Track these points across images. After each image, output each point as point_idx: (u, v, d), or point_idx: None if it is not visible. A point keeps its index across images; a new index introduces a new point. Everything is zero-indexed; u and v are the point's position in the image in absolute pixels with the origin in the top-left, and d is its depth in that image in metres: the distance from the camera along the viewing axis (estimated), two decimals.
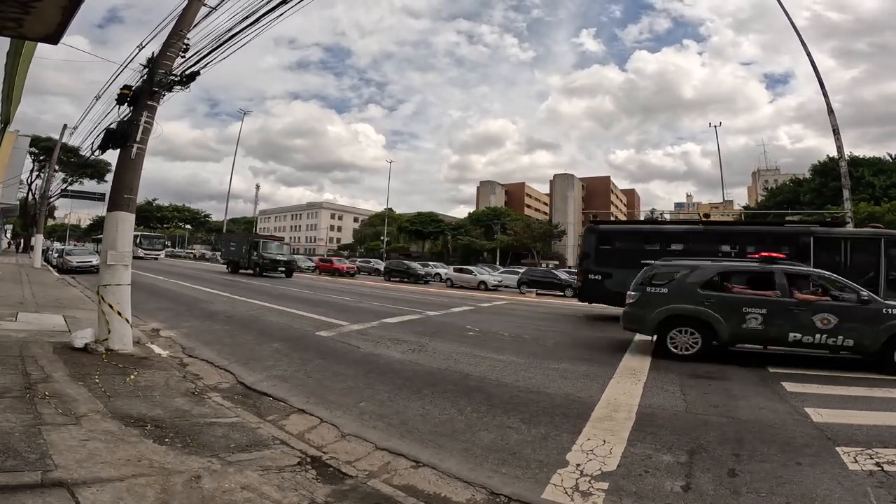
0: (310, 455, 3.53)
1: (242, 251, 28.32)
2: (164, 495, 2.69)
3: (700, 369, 6.80)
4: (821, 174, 54.03)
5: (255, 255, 26.98)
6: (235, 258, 29.11)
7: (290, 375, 5.94)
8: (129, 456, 3.17)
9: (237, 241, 31.12)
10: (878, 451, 3.69)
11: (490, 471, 3.43)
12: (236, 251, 29.35)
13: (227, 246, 31.74)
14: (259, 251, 27.03)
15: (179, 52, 7.18)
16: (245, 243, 28.78)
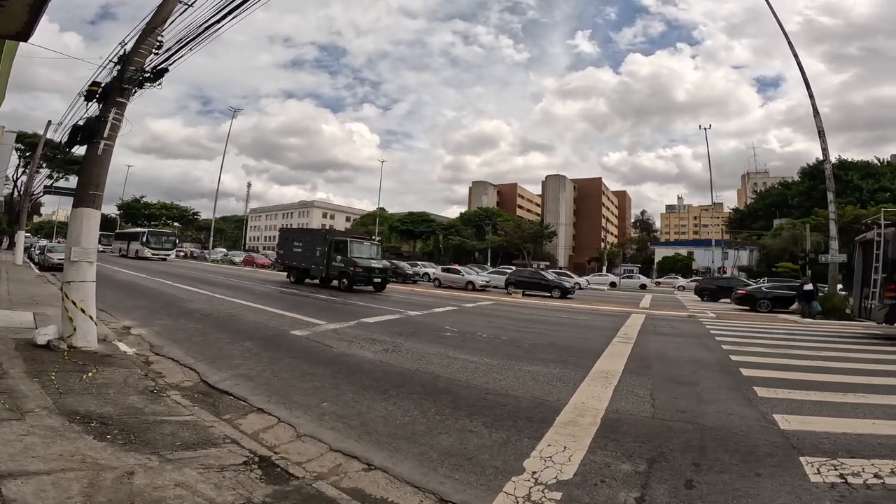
0: (259, 455, 3.46)
1: (316, 254, 20.79)
2: (90, 489, 2.66)
3: (675, 372, 6.81)
4: (809, 177, 54.69)
5: (340, 261, 19.46)
6: (302, 263, 21.57)
7: (256, 374, 5.85)
8: (63, 451, 3.12)
9: (307, 239, 22.19)
10: (844, 462, 3.61)
11: (443, 476, 3.35)
12: (304, 254, 21.56)
13: (289, 246, 23.01)
14: (347, 255, 19.37)
15: (152, 50, 7.14)
16: (321, 243, 20.76)
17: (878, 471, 3.41)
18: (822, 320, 15.81)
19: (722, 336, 10.86)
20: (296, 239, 22.98)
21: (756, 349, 8.99)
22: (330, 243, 20.23)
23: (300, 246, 22.10)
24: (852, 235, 40.80)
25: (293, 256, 22.42)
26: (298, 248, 22.13)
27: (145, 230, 44.24)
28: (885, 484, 3.22)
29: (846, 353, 8.92)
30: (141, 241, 41.29)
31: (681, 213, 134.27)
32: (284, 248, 23.53)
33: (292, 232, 27.23)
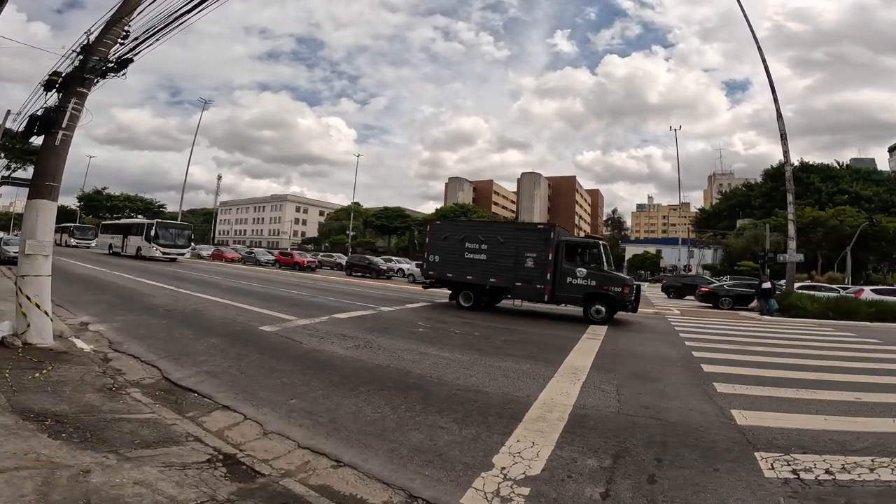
0: (224, 452, 3.40)
1: (526, 264, 13.07)
2: (45, 488, 2.59)
3: (640, 368, 6.99)
4: (772, 179, 56.80)
5: (587, 277, 12.52)
6: (491, 277, 13.52)
7: (222, 371, 5.72)
8: (16, 449, 3.03)
9: (499, 240, 13.73)
10: (796, 458, 3.70)
11: (413, 472, 3.35)
12: (494, 262, 13.50)
13: (450, 249, 14.27)
14: (601, 267, 12.91)
15: (118, 40, 6.89)
16: (536, 247, 13.12)
17: (830, 466, 3.51)
18: (779, 317, 16.51)
19: (685, 333, 11.21)
20: (469, 238, 14.05)
21: (717, 345, 9.32)
22: (558, 247, 12.93)
23: (480, 249, 13.81)
24: (811, 236, 42.71)
25: (462, 265, 13.97)
26: (476, 254, 13.86)
27: (153, 221, 31.56)
28: (836, 480, 3.31)
29: (800, 349, 9.33)
30: (146, 235, 29.69)
31: (650, 212, 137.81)
32: (438, 251, 14.56)
33: (457, 227, 15.94)
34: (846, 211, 43.72)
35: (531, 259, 13.09)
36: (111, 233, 37.26)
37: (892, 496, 3.10)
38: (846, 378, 6.65)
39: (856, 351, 9.31)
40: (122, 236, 33.74)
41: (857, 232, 35.24)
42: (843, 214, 42.50)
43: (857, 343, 10.62)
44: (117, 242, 34.12)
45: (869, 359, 8.38)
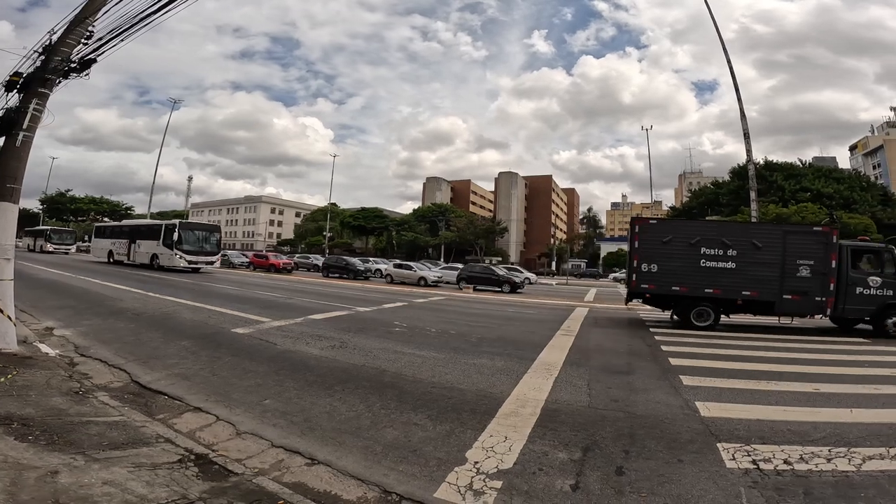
0: (195, 453, 3.40)
1: (801, 273, 10.89)
2: (13, 488, 2.57)
3: (611, 363, 7.19)
4: (738, 177, 58.57)
5: (878, 286, 10.78)
6: (745, 290, 11.11)
7: (193, 374, 5.65)
8: None
9: (759, 241, 11.22)
10: (756, 448, 3.78)
11: (387, 469, 3.39)
12: (747, 270, 11.09)
13: (678, 252, 11.45)
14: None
15: (81, 40, 6.72)
16: (815, 251, 11.00)
17: (788, 457, 3.61)
18: None
19: (655, 327, 11.54)
20: (706, 242, 11.33)
21: (684, 339, 9.63)
22: (841, 252, 11.05)
23: (726, 255, 11.19)
24: None
25: (698, 276, 11.28)
26: (719, 261, 11.24)
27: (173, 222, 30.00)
28: (795, 470, 3.40)
29: (762, 342, 9.72)
30: (164, 239, 29.76)
31: (624, 211, 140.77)
32: (656, 258, 11.59)
33: (686, 228, 12.81)
34: (808, 208, 45.57)
35: (806, 267, 10.87)
36: (111, 236, 30.64)
37: (848, 486, 3.16)
38: (806, 370, 6.90)
39: (815, 343, 9.75)
40: (127, 241, 27.81)
41: None
42: (805, 211, 44.30)
43: (817, 335, 11.10)
44: (121, 249, 28.24)
45: (828, 350, 8.76)
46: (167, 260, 24.66)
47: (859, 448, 3.80)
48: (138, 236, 27.58)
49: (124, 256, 27.88)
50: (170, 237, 24.64)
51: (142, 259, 26.41)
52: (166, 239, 24.85)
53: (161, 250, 25.02)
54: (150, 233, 26.60)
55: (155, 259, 25.41)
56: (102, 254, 30.57)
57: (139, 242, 27.11)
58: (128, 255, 27.57)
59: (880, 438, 4.03)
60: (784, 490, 3.08)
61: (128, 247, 27.83)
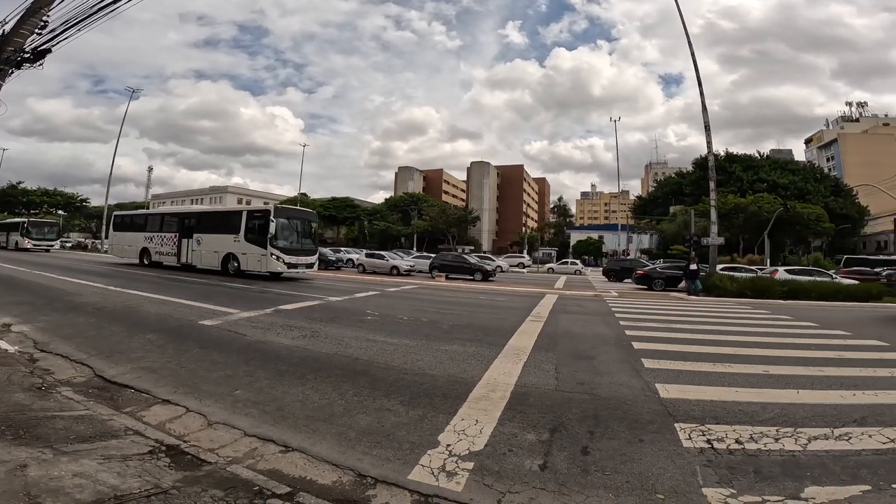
0: (166, 444, 3.38)
1: None
2: None
3: (578, 347, 7.43)
4: (700, 168, 60.64)
5: None
6: None
7: (160, 367, 5.55)
8: None
9: None
10: (710, 428, 3.96)
11: (361, 453, 3.46)
12: None
13: None
14: None
15: (35, 30, 6.39)
16: None
17: (739, 436, 3.78)
18: (703, 297, 17.90)
19: (621, 313, 11.97)
20: None
21: (647, 324, 10.03)
22: None
23: None
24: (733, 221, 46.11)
25: None
26: None
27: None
28: (745, 449, 3.56)
29: (719, 326, 10.23)
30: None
31: (593, 200, 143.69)
32: None
33: None
34: (764, 198, 47.65)
35: None
36: (145, 228, 24.62)
37: (795, 465, 3.31)
38: (757, 352, 7.21)
39: (768, 327, 10.31)
40: (176, 235, 21.51)
41: (773, 217, 38.51)
42: (762, 201, 46.31)
43: (770, 319, 11.77)
44: (164, 246, 23.14)
45: (778, 334, 9.25)
46: (254, 262, 17.76)
47: (805, 428, 3.99)
48: (198, 228, 20.30)
49: (171, 257, 21.07)
50: (259, 229, 17.80)
51: (207, 261, 19.45)
52: (252, 231, 18.03)
53: (244, 248, 18.07)
54: (221, 222, 19.83)
55: (231, 261, 18.53)
56: (131, 253, 23.44)
57: (200, 237, 19.85)
58: (178, 254, 20.68)
59: (824, 419, 4.23)
60: (736, 469, 3.24)
61: (177, 243, 20.82)
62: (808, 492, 2.92)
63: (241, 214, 18.78)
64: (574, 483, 3.07)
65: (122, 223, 25.41)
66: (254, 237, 17.88)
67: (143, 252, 22.62)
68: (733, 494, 2.89)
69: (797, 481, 3.07)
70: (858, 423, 4.15)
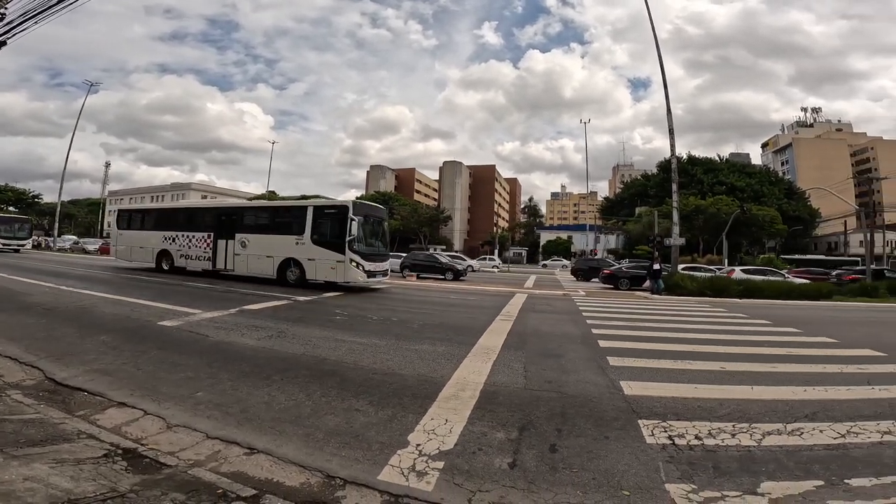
0: (122, 447, 3.26)
1: None
2: None
3: (546, 346, 7.53)
4: (664, 170, 62.74)
5: None
6: None
7: (115, 369, 5.31)
8: None
9: None
10: (672, 424, 4.04)
11: (330, 454, 3.40)
12: None
13: None
14: None
15: None
16: None
17: (698, 432, 3.88)
18: (666, 296, 18.49)
19: (588, 312, 12.21)
20: None
21: (612, 323, 10.27)
22: None
23: None
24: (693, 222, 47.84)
25: None
26: None
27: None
28: (704, 445, 3.65)
29: (680, 324, 10.56)
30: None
31: (563, 201, 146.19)
32: None
33: None
34: (723, 200, 49.72)
35: None
36: (164, 226, 20.77)
37: (751, 461, 3.40)
38: (715, 349, 7.45)
39: (724, 325, 10.73)
40: (210, 235, 18.04)
41: (731, 219, 40.15)
42: (721, 203, 48.29)
43: (726, 317, 12.26)
44: (192, 248, 19.31)
45: (734, 332, 9.63)
46: (326, 269, 14.64)
47: (759, 424, 4.12)
48: (243, 226, 16.73)
49: (201, 261, 17.52)
50: (333, 228, 14.69)
51: (255, 267, 16.02)
52: (322, 231, 14.88)
53: (311, 252, 14.89)
54: (277, 219, 16.52)
55: (290, 268, 15.33)
56: (143, 256, 19.45)
57: (246, 238, 16.32)
58: (212, 259, 17.14)
59: (777, 414, 4.39)
60: (696, 465, 3.32)
61: (211, 245, 17.22)
62: (764, 487, 3.02)
63: (305, 210, 15.30)
64: (543, 481, 3.10)
65: (131, 220, 20.85)
66: (325, 239, 14.74)
67: (162, 255, 18.71)
68: (694, 490, 2.97)
69: (753, 476, 3.16)
70: (810, 418, 4.33)
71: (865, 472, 3.21)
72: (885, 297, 20.66)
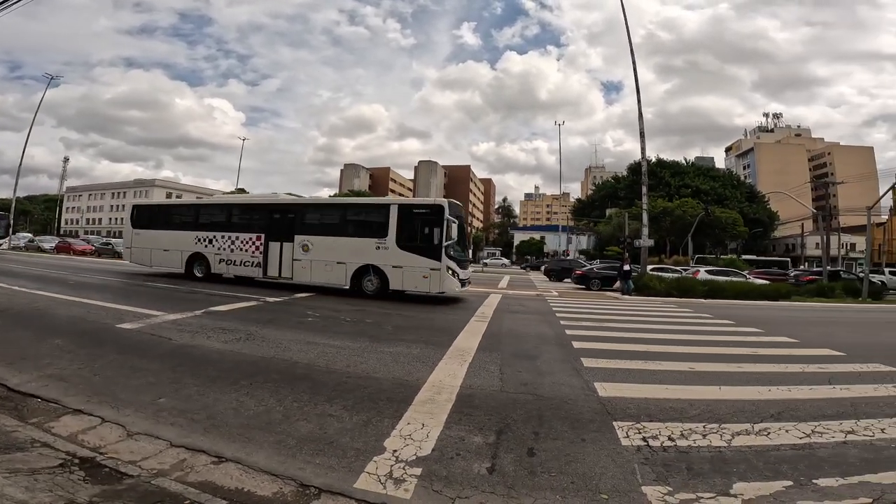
0: (79, 456, 3.09)
1: None
2: None
3: (521, 347, 7.54)
4: (634, 173, 64.39)
5: None
6: None
7: (71, 374, 5.02)
8: None
9: None
10: (645, 426, 4.07)
11: (303, 462, 3.28)
12: None
13: None
14: None
15: None
16: None
17: (671, 433, 3.92)
18: (636, 296, 18.91)
19: (561, 312, 12.33)
20: None
21: (586, 323, 10.39)
22: None
23: None
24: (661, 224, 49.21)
25: None
26: None
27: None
28: (677, 446, 3.69)
29: (649, 324, 10.78)
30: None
31: (536, 202, 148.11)
32: None
33: None
34: (689, 202, 51.40)
35: None
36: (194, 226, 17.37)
37: (722, 462, 3.44)
38: (683, 350, 7.54)
39: (691, 325, 11.02)
40: (259, 237, 15.28)
41: (696, 221, 41.52)
42: (687, 205, 49.91)
43: (693, 317, 12.61)
44: (232, 251, 16.21)
45: (701, 332, 9.88)
46: (416, 278, 13.01)
47: (728, 424, 4.19)
48: (305, 227, 14.59)
49: (248, 267, 15.12)
50: (425, 231, 13.08)
51: (321, 274, 14.00)
52: (411, 234, 13.24)
53: (396, 257, 13.17)
54: (352, 219, 14.68)
55: (368, 276, 13.50)
56: (167, 260, 16.70)
57: (308, 241, 14.21)
58: (263, 264, 14.77)
59: (745, 414, 4.48)
60: (670, 466, 3.35)
61: (261, 248, 14.89)
62: (736, 488, 3.07)
63: (388, 210, 13.49)
64: (522, 486, 3.07)
65: (152, 217, 17.84)
66: (415, 243, 13.02)
67: (194, 259, 16.06)
68: (670, 492, 2.99)
69: (725, 477, 3.21)
70: (775, 417, 4.44)
71: (832, 473, 3.29)
72: (841, 297, 21.74)
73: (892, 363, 6.91)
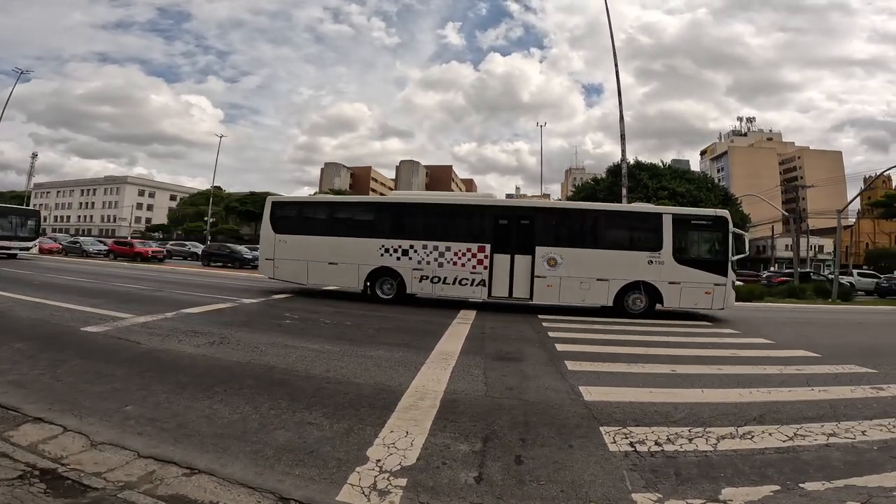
0: (39, 468, 2.92)
1: None
2: None
3: (504, 350, 7.46)
4: (613, 174, 65.25)
5: None
6: None
7: (30, 380, 4.73)
8: None
9: None
10: (632, 430, 4.03)
11: (282, 473, 3.12)
12: None
13: None
14: None
15: None
16: None
17: (658, 438, 3.88)
18: None
19: (542, 314, 12.28)
20: None
21: (567, 325, 10.35)
22: None
23: None
24: None
25: None
26: None
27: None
28: (664, 451, 3.66)
29: (629, 326, 10.80)
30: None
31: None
32: None
33: None
34: (666, 204, 52.27)
35: None
36: (389, 232, 13.21)
37: (709, 466, 3.42)
38: (664, 352, 7.56)
39: (670, 326, 11.07)
40: (492, 246, 12.35)
41: None
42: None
43: (670, 319, 12.71)
44: (443, 268, 12.86)
45: (679, 333, 9.96)
46: (696, 294, 12.00)
47: (713, 428, 4.17)
48: (548, 237, 12.42)
49: (470, 287, 12.53)
50: (708, 244, 12.32)
51: (573, 293, 12.19)
52: (689, 247, 12.32)
53: (673, 273, 11.94)
54: (615, 230, 12.78)
55: (635, 293, 12.10)
56: (332, 276, 13.34)
57: (556, 254, 12.16)
58: (488, 281, 12.44)
59: (728, 418, 4.47)
60: (659, 472, 3.31)
61: (485, 262, 12.44)
62: (725, 493, 3.03)
63: (660, 220, 12.12)
64: (511, 495, 2.97)
65: (306, 219, 14.03)
66: (697, 256, 12.11)
67: (377, 275, 13.02)
68: (660, 499, 2.93)
69: (713, 483, 3.17)
70: (758, 420, 4.45)
71: (817, 476, 3.29)
72: (812, 298, 22.39)
73: (867, 364, 7.06)
